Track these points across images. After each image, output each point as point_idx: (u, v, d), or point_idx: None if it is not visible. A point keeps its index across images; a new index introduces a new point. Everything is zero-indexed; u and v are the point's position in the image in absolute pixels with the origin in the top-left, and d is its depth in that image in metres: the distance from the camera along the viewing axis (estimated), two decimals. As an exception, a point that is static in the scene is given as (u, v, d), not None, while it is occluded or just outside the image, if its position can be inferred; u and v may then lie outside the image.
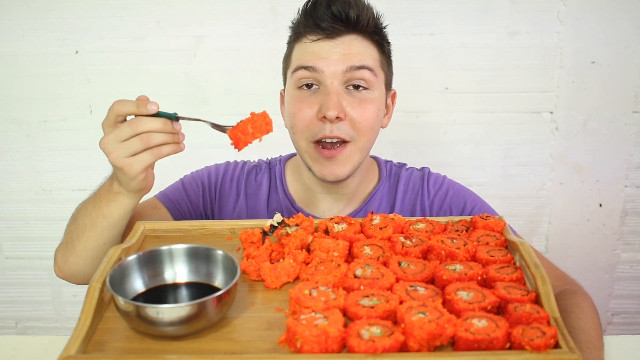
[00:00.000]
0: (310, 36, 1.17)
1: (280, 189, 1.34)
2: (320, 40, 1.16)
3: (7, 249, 2.24)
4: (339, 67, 1.14)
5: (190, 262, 0.89)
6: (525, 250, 0.90)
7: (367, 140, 1.20)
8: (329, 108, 1.13)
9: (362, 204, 1.31)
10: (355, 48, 1.16)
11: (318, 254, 0.93)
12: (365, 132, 1.18)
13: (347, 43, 1.16)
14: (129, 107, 0.95)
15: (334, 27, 1.14)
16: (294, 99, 1.20)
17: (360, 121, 1.16)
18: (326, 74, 1.15)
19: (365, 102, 1.17)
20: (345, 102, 1.15)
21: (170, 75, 2.00)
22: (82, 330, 0.76)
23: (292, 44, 1.23)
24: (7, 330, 2.37)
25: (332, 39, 1.15)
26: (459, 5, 1.91)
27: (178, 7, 1.93)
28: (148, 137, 0.93)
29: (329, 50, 1.15)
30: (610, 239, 2.16)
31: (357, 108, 1.16)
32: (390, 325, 0.74)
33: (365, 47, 1.17)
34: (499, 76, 1.97)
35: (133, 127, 0.93)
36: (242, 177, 1.37)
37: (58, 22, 1.95)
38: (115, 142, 0.94)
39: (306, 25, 1.17)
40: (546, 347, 0.71)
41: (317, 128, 1.16)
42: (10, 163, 2.11)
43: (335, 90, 1.15)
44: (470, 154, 2.07)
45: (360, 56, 1.16)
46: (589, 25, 1.91)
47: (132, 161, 0.95)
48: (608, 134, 2.03)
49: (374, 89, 1.18)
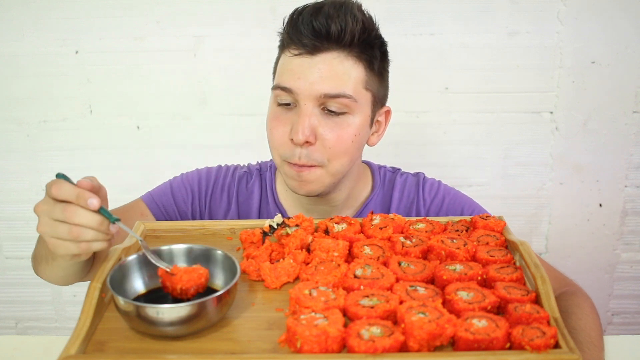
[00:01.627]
0: (292, 49, 1.10)
1: (271, 198, 1.30)
2: (301, 55, 1.08)
3: (7, 249, 2.24)
4: (315, 89, 1.07)
5: (190, 262, 0.89)
6: (525, 250, 0.90)
7: (340, 164, 1.13)
8: (297, 132, 1.07)
9: (355, 212, 1.29)
10: (335, 70, 1.07)
11: (318, 254, 0.93)
12: (337, 156, 1.11)
13: (327, 62, 1.07)
14: (66, 195, 0.82)
15: (314, 44, 1.07)
16: (271, 114, 1.15)
17: (331, 146, 1.09)
18: (300, 95, 1.08)
19: (341, 127, 1.10)
20: (318, 123, 1.09)
21: (170, 75, 2.00)
22: (82, 330, 0.76)
23: (280, 52, 1.17)
24: (7, 330, 2.36)
25: (312, 55, 1.07)
26: (459, 5, 1.90)
27: (178, 7, 1.93)
28: (78, 231, 0.82)
29: (307, 69, 1.07)
30: (610, 239, 2.16)
31: (329, 132, 1.09)
32: (390, 325, 0.74)
33: (347, 67, 1.08)
34: (499, 76, 1.97)
35: (66, 215, 0.82)
36: (234, 185, 1.32)
37: (58, 22, 1.95)
38: (46, 216, 0.84)
39: (289, 37, 1.10)
40: (546, 347, 0.71)
41: (288, 151, 1.11)
42: (10, 163, 2.11)
43: (307, 112, 1.08)
44: (470, 154, 2.06)
45: (339, 81, 1.07)
46: (589, 25, 1.91)
47: (56, 243, 0.84)
48: (608, 134, 2.03)
49: (353, 113, 1.11)
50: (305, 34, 1.07)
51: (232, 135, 2.04)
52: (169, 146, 2.06)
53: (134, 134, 2.06)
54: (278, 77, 1.13)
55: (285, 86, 1.09)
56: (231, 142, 2.05)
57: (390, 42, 1.20)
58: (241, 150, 2.05)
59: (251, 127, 2.02)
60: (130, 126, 2.05)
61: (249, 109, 2.02)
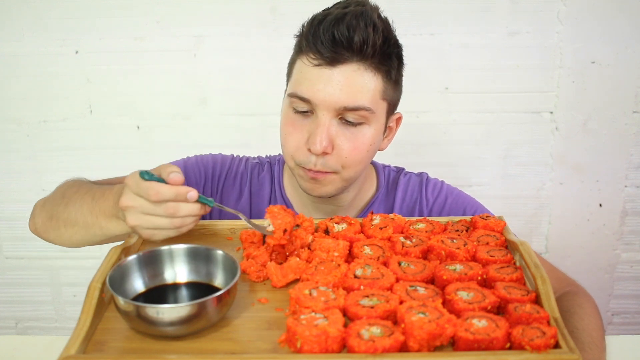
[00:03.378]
0: (310, 57, 1.07)
1: (279, 194, 1.31)
2: (320, 66, 1.06)
3: (7, 249, 2.24)
4: (334, 101, 1.06)
5: (190, 262, 0.89)
6: (525, 250, 0.90)
7: (354, 172, 1.14)
8: (315, 143, 1.06)
9: (360, 213, 1.30)
10: (355, 82, 1.06)
11: (318, 254, 0.93)
12: (353, 165, 1.12)
13: (347, 74, 1.05)
14: (166, 197, 0.86)
15: (334, 55, 1.04)
16: (286, 119, 1.14)
17: (348, 155, 1.10)
18: (319, 106, 1.07)
19: (357, 138, 1.10)
20: (335, 134, 1.09)
21: (170, 75, 2.00)
22: (82, 330, 0.76)
23: (296, 55, 1.14)
24: (7, 330, 2.37)
25: (332, 66, 1.05)
26: (459, 5, 1.90)
27: (178, 7, 1.93)
28: (181, 222, 0.88)
29: (327, 80, 1.05)
30: (610, 239, 2.16)
31: (346, 142, 1.09)
32: (390, 325, 0.74)
33: (367, 79, 1.07)
34: (499, 76, 1.97)
35: (169, 212, 0.86)
36: (246, 175, 1.32)
37: (58, 22, 1.95)
38: (139, 212, 0.88)
39: (307, 44, 1.08)
40: (546, 347, 0.71)
41: (303, 157, 1.11)
42: (10, 163, 2.11)
43: (326, 123, 1.07)
44: (470, 154, 2.06)
45: (358, 94, 1.06)
46: (589, 25, 1.91)
47: (154, 233, 0.89)
48: (608, 134, 2.03)
49: (370, 123, 1.11)
50: (325, 45, 1.04)
51: (232, 135, 2.04)
52: (169, 146, 2.06)
53: (134, 134, 2.06)
54: (295, 85, 1.11)
55: (304, 97, 1.08)
56: (231, 142, 2.05)
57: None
58: (241, 150, 2.04)
59: (251, 127, 2.02)
60: (130, 126, 2.05)
61: (249, 109, 2.02)
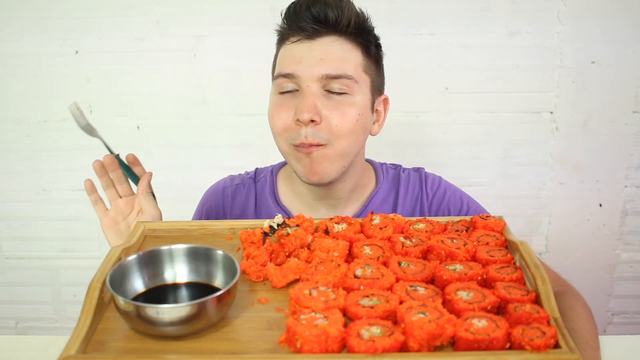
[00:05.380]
0: (292, 38, 1.16)
1: (272, 200, 1.33)
2: (300, 41, 1.15)
3: (7, 249, 2.24)
4: (316, 71, 1.12)
5: (190, 262, 0.89)
6: (525, 250, 0.90)
7: (347, 144, 1.16)
8: (302, 111, 1.11)
9: (360, 208, 1.30)
10: (334, 52, 1.13)
11: (318, 254, 0.93)
12: (343, 135, 1.14)
13: (326, 45, 1.14)
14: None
15: (313, 28, 1.13)
16: (273, 104, 1.19)
17: (337, 124, 1.13)
18: (302, 78, 1.13)
19: (344, 106, 1.14)
20: (321, 105, 1.13)
21: (170, 75, 2.00)
22: (82, 330, 0.76)
23: (278, 47, 1.22)
24: (7, 330, 2.36)
25: (311, 39, 1.14)
26: (459, 5, 1.90)
27: (178, 7, 1.93)
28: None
29: (307, 52, 1.13)
30: (610, 239, 2.16)
31: (334, 111, 1.13)
32: (390, 325, 0.74)
33: (346, 50, 1.14)
34: (499, 76, 1.97)
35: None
36: (227, 204, 1.37)
37: (58, 22, 1.95)
38: None
39: (288, 28, 1.17)
40: (546, 347, 0.71)
41: (294, 133, 1.14)
42: (10, 163, 2.11)
43: (311, 93, 1.12)
44: (470, 154, 2.06)
45: (339, 62, 1.13)
46: (589, 25, 1.91)
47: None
48: (608, 134, 2.03)
49: (354, 94, 1.15)
50: (304, 20, 1.13)
51: (232, 135, 2.04)
52: (169, 146, 2.06)
53: (134, 134, 2.06)
54: (279, 66, 1.18)
55: (288, 72, 1.14)
56: (231, 142, 2.05)
57: (390, 42, 1.22)
58: (241, 150, 2.05)
59: (251, 127, 2.02)
60: (130, 126, 2.05)
61: (249, 109, 2.02)
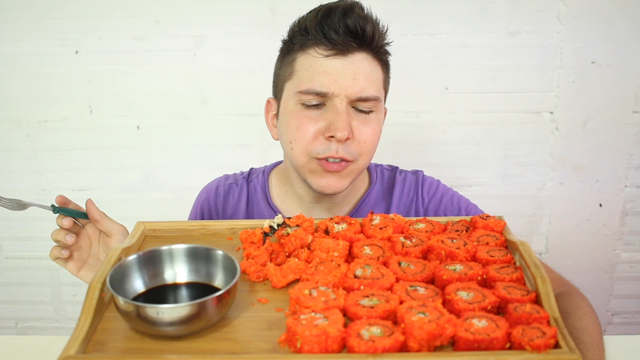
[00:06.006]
0: (319, 49, 1.09)
1: (264, 201, 1.32)
2: (332, 57, 1.08)
3: (7, 249, 2.24)
4: (350, 92, 1.10)
5: (190, 262, 0.89)
6: (525, 250, 0.90)
7: (368, 159, 1.18)
8: (339, 129, 1.09)
9: (353, 208, 1.31)
10: (364, 72, 1.10)
11: (318, 254, 0.93)
12: (368, 151, 1.16)
13: (357, 63, 1.09)
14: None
15: (347, 43, 1.07)
16: (296, 113, 1.14)
17: (366, 140, 1.14)
18: (336, 95, 1.10)
19: (371, 123, 1.15)
20: (353, 121, 1.13)
21: (170, 75, 2.00)
22: (82, 330, 0.76)
23: (295, 53, 1.14)
24: (7, 330, 2.37)
25: (344, 56, 1.09)
26: (459, 5, 1.90)
27: (178, 7, 1.93)
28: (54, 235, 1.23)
29: (341, 70, 1.09)
30: (610, 239, 2.16)
31: (363, 128, 1.13)
32: (390, 325, 0.74)
33: (373, 68, 1.12)
34: (499, 76, 1.97)
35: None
36: (220, 202, 1.36)
37: (58, 22, 1.95)
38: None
39: (316, 36, 1.08)
40: (546, 347, 0.71)
41: (322, 146, 1.12)
42: (10, 163, 2.11)
43: (344, 110, 1.11)
44: (470, 154, 2.06)
45: (369, 83, 1.11)
46: (589, 25, 1.91)
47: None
48: (608, 134, 2.03)
49: (377, 110, 1.16)
50: (340, 33, 1.07)
51: (232, 135, 2.04)
52: (169, 146, 2.06)
53: (134, 134, 2.06)
54: (308, 81, 1.11)
55: (321, 91, 1.10)
56: (231, 142, 2.05)
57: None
58: (241, 150, 2.05)
59: (251, 127, 2.02)
60: (130, 126, 2.05)
61: (249, 109, 2.02)
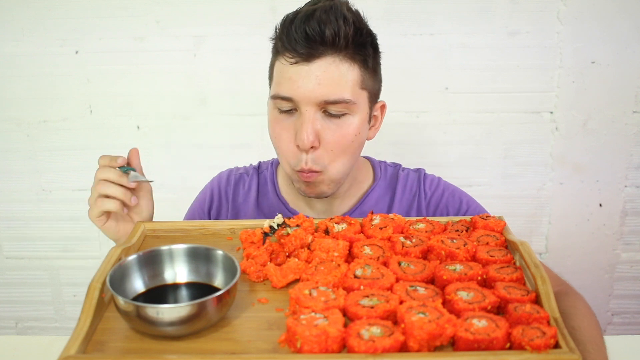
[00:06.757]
0: (287, 56, 1.09)
1: (272, 193, 1.34)
2: (297, 63, 1.08)
3: (7, 249, 2.24)
4: (314, 95, 1.08)
5: (190, 262, 0.89)
6: (525, 250, 0.90)
7: (341, 164, 1.15)
8: (302, 138, 1.09)
9: (357, 203, 1.32)
10: (331, 76, 1.07)
11: (318, 254, 0.93)
12: (339, 156, 1.14)
13: (323, 68, 1.07)
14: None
15: (309, 51, 1.06)
16: (273, 121, 1.16)
17: (333, 148, 1.12)
18: (301, 102, 1.09)
19: (342, 128, 1.12)
20: (320, 128, 1.11)
21: (170, 75, 2.00)
22: (82, 330, 0.76)
23: (274, 57, 1.15)
24: (7, 330, 2.36)
25: (308, 62, 1.07)
26: (459, 5, 1.90)
27: (178, 7, 1.93)
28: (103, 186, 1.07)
29: (305, 76, 1.07)
30: (610, 239, 2.16)
31: (331, 134, 1.11)
32: (390, 325, 0.74)
33: (344, 71, 1.08)
34: (499, 76, 1.97)
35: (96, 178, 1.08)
36: (230, 190, 1.37)
37: (58, 22, 1.95)
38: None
39: (282, 44, 1.10)
40: (546, 347, 0.71)
41: (294, 159, 1.13)
42: (10, 163, 2.11)
43: (310, 118, 1.09)
44: (470, 154, 2.06)
45: (337, 87, 1.08)
46: (589, 25, 1.91)
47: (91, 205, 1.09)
48: (608, 134, 2.03)
49: (353, 113, 1.12)
50: (299, 42, 1.06)
51: (232, 135, 2.04)
52: (169, 146, 2.06)
53: (134, 134, 2.06)
54: (276, 86, 1.13)
55: (286, 96, 1.10)
56: (231, 142, 2.05)
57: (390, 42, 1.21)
58: (241, 150, 2.05)
59: (251, 127, 2.02)
60: (130, 126, 2.05)
61: (249, 109, 2.02)
